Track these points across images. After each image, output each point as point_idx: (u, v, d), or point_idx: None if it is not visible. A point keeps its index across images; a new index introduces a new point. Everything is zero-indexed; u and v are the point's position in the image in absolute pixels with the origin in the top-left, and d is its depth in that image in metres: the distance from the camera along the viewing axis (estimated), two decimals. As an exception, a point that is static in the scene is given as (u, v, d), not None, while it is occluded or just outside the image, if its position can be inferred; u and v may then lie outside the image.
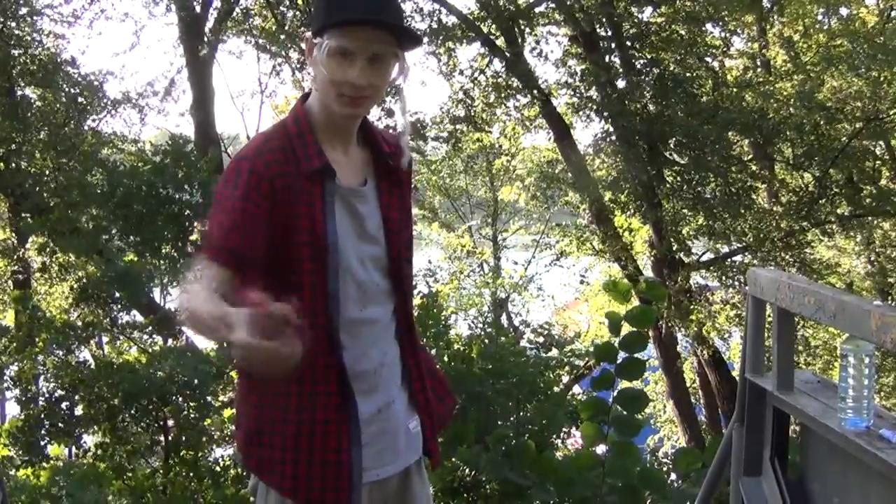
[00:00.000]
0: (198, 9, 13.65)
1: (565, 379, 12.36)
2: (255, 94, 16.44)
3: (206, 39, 13.35)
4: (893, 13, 15.41)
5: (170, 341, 9.99)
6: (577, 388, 13.18)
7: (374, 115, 11.69)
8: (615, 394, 4.58)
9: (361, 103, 2.21)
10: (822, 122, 13.20)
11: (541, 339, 12.85)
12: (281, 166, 2.18)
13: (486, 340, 9.65)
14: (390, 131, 2.49)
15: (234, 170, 2.20)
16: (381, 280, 2.31)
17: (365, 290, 2.27)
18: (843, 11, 16.15)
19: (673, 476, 6.69)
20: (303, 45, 2.31)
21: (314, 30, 2.20)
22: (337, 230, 2.20)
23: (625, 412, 4.60)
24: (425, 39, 13.51)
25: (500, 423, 7.96)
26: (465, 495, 7.20)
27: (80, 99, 12.74)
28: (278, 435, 2.25)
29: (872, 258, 16.04)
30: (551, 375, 10.01)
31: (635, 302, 7.11)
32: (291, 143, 2.22)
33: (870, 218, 14.36)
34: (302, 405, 2.23)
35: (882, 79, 13.03)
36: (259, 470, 2.32)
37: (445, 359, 8.21)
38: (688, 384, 15.36)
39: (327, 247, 2.18)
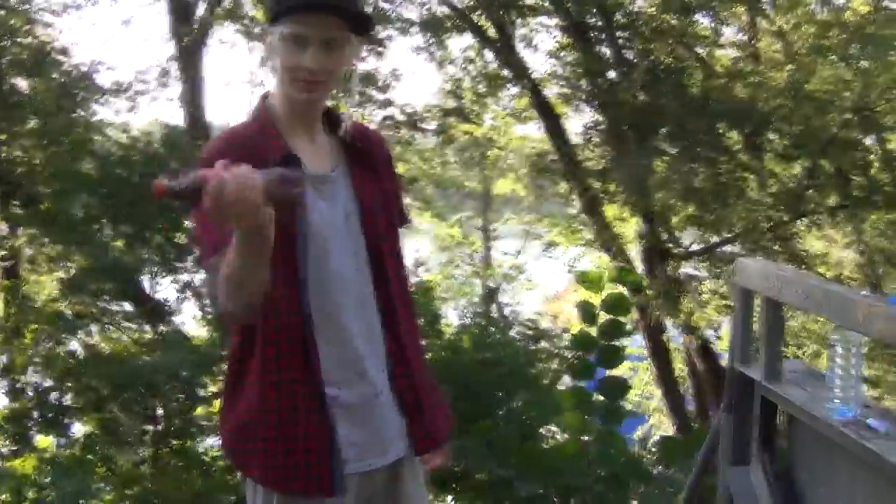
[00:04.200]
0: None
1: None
2: (245, 82, 16.42)
3: (195, 28, 13.30)
4: (884, 2, 15.36)
5: (161, 328, 9.96)
6: (567, 379, 13.16)
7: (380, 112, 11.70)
8: (597, 382, 4.58)
9: (317, 88, 2.25)
10: (811, 113, 13.18)
11: (530, 333, 12.83)
12: (245, 163, 2.19)
13: (476, 331, 9.65)
14: (367, 123, 2.52)
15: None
16: (360, 265, 2.31)
17: (343, 276, 2.27)
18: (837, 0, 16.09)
19: (660, 465, 6.70)
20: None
21: (268, 18, 2.25)
22: (308, 218, 2.21)
23: (607, 400, 4.61)
24: (416, 30, 13.46)
25: (489, 414, 7.95)
26: (454, 486, 7.21)
27: (74, 91, 12.61)
28: (261, 426, 2.25)
29: (862, 249, 16.03)
30: (541, 366, 10.00)
31: (620, 289, 7.10)
32: (253, 138, 2.25)
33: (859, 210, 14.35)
34: (281, 396, 2.23)
35: (873, 69, 13.01)
36: (245, 465, 2.32)
37: (435, 349, 8.20)
38: (676, 373, 15.37)
39: (295, 234, 2.19)
